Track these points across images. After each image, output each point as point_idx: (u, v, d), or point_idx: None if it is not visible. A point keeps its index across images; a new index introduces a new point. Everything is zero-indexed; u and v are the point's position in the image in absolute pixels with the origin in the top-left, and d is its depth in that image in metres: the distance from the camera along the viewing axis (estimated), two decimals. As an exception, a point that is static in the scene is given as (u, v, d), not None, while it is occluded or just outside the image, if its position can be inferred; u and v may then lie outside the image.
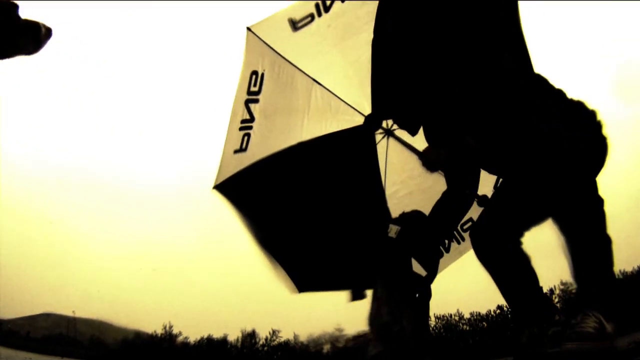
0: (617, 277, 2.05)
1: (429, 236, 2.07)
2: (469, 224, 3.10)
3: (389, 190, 3.08)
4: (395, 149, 3.00)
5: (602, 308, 1.51)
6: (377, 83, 2.75)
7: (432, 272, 2.08)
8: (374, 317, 1.92)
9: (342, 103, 2.96)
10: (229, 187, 2.92)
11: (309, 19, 2.71)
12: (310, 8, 2.70)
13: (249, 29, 2.88)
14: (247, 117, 2.88)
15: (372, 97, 2.82)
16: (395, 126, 2.90)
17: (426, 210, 2.73)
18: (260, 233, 2.96)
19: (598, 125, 1.69)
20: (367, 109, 2.91)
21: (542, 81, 1.80)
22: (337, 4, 2.72)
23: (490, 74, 1.83)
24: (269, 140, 2.96)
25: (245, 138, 2.88)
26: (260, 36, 2.85)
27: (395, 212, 3.02)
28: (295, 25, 2.74)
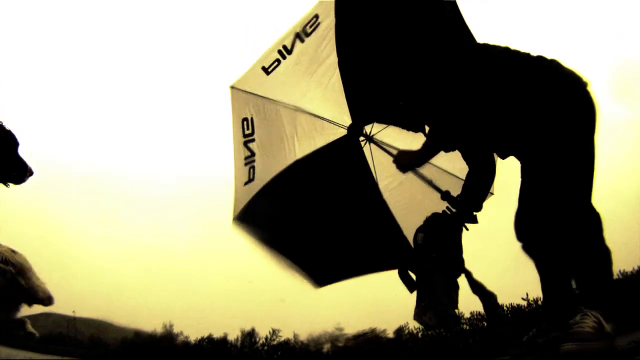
0: (616, 277, 2.06)
1: (449, 232, 2.37)
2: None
3: (381, 185, 3.57)
4: (380, 150, 3.47)
5: (601, 308, 1.51)
6: (351, 95, 3.34)
7: (460, 258, 2.41)
8: (424, 298, 2.32)
9: (326, 122, 3.54)
10: (246, 215, 3.41)
11: (277, 63, 3.17)
12: (275, 54, 3.18)
13: (232, 87, 3.48)
14: (249, 154, 3.32)
15: (350, 109, 3.40)
16: (374, 132, 3.50)
17: (419, 194, 3.27)
18: (276, 242, 3.40)
19: (579, 82, 1.67)
20: (348, 121, 3.32)
21: (507, 52, 1.79)
22: (298, 46, 3.26)
23: (447, 58, 1.86)
24: (271, 166, 3.35)
25: (251, 170, 3.43)
26: (242, 88, 3.30)
27: (390, 203, 3.59)
28: (267, 70, 3.19)
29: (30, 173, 2.35)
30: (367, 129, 3.25)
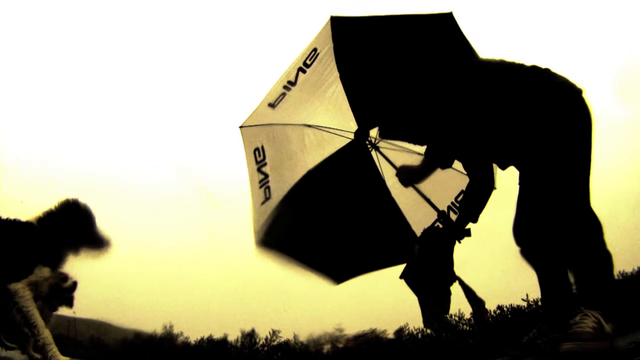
0: (617, 278, 2.08)
1: (442, 246, 2.52)
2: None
3: (389, 183, 3.75)
4: (386, 151, 3.64)
5: (601, 308, 1.51)
6: (354, 101, 3.45)
7: (450, 268, 2.57)
8: (425, 306, 2.50)
9: (332, 131, 3.54)
10: (265, 230, 3.53)
11: (282, 96, 3.28)
12: (281, 90, 3.28)
13: (241, 127, 3.62)
14: (263, 177, 3.47)
15: (354, 114, 3.52)
16: (379, 140, 3.65)
17: (424, 191, 3.41)
18: (295, 249, 3.54)
19: (572, 89, 1.68)
20: (354, 127, 3.43)
21: (502, 65, 1.80)
22: (301, 77, 3.38)
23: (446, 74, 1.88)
24: (285, 182, 3.49)
25: (267, 190, 3.57)
26: (250, 124, 3.43)
27: (399, 200, 3.74)
28: (273, 105, 3.32)
29: (109, 244, 2.33)
30: (372, 134, 3.41)
